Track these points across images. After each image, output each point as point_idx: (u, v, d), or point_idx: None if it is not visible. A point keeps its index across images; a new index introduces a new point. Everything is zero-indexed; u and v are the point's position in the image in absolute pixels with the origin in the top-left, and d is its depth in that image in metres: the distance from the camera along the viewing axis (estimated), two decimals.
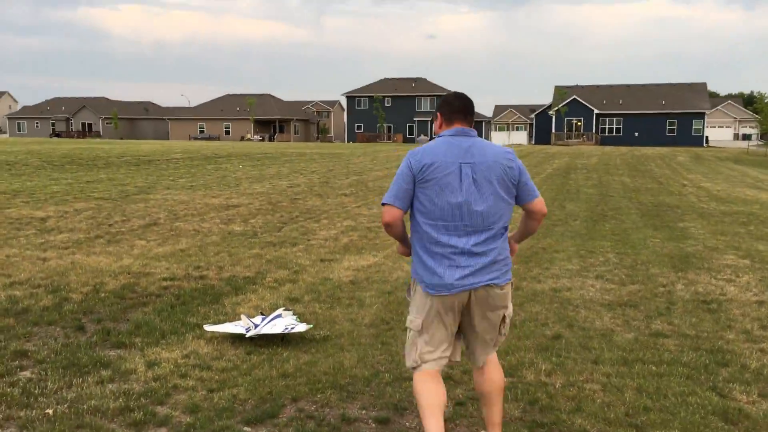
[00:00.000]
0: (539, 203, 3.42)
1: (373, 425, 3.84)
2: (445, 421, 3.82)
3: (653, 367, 4.68)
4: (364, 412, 4.00)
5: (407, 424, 3.86)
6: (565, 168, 27.11)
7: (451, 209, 3.25)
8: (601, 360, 4.81)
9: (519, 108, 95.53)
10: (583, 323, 5.72)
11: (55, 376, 4.49)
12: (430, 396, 3.29)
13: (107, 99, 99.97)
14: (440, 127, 3.44)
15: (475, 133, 3.44)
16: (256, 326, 5.12)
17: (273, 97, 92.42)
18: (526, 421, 3.86)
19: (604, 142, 72.32)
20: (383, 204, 3.32)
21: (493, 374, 3.47)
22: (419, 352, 3.35)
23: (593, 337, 5.32)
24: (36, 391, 4.22)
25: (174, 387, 4.32)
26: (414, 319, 3.37)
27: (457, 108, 3.42)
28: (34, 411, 3.95)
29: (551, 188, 18.36)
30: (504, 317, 3.40)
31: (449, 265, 3.25)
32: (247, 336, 5.07)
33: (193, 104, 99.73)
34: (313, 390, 4.27)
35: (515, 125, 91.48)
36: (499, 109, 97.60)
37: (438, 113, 3.45)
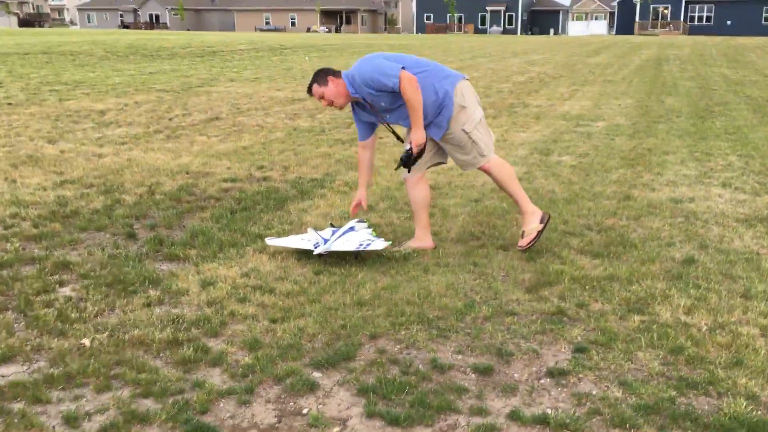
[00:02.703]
0: None
1: (472, 375, 3.06)
2: (565, 373, 3.05)
3: None
4: (459, 356, 3.22)
5: (515, 375, 3.06)
6: (656, 59, 24.95)
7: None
8: (752, 294, 3.86)
9: None
10: (719, 243, 4.73)
11: (98, 295, 3.87)
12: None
13: None
14: (341, 86, 4.33)
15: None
16: (325, 241, 4.36)
17: None
18: (671, 378, 3.00)
19: (692, 31, 67.20)
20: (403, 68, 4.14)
21: None
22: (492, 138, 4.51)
23: (736, 262, 4.35)
24: (73, 315, 3.60)
25: (231, 314, 3.63)
26: (476, 109, 4.32)
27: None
28: (69, 341, 3.34)
29: (644, 81, 16.73)
30: None
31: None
32: (315, 253, 4.32)
33: None
34: (395, 324, 3.51)
35: (594, 14, 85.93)
36: None
37: (333, 78, 4.33)
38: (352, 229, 4.52)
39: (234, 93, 13.72)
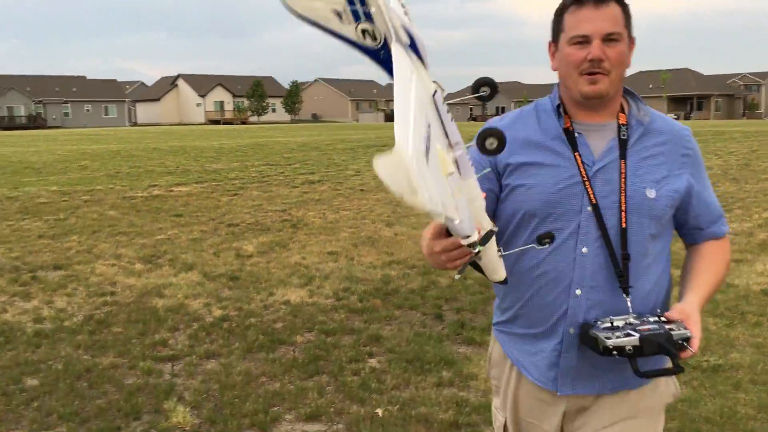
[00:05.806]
0: None
1: None
2: None
3: None
4: None
5: None
6: None
7: None
8: None
9: None
10: None
11: (397, 369, 4.22)
12: None
13: (519, 83, 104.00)
14: (625, 70, 1.79)
15: None
16: None
17: (691, 71, 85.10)
18: None
19: None
20: None
21: None
22: None
23: None
24: (374, 386, 3.99)
25: None
26: None
27: None
28: (365, 408, 3.71)
29: None
30: None
31: None
32: None
33: None
34: None
35: None
36: None
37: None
38: None
39: None
